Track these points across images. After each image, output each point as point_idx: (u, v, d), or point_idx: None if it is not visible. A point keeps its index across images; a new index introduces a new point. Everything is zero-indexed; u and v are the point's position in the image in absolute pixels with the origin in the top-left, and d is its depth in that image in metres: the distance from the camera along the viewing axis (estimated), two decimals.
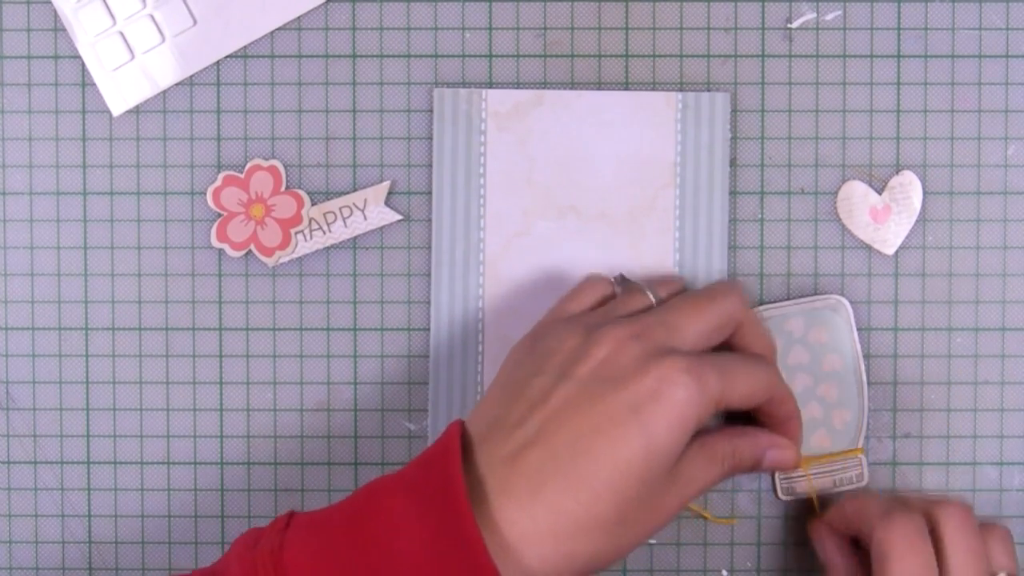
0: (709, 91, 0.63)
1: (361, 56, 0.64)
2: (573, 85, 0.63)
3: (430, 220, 0.63)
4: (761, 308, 0.63)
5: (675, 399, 0.51)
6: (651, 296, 0.57)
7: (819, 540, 0.60)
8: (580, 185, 0.62)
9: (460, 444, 0.52)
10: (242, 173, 0.63)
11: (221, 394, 0.64)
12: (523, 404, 0.53)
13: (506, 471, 0.51)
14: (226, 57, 0.64)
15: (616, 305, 0.57)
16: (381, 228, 0.64)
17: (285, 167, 0.63)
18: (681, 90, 0.63)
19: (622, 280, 0.59)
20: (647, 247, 0.63)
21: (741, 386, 0.54)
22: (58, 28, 0.63)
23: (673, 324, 0.55)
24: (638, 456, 0.51)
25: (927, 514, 0.56)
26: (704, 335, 0.55)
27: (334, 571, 0.50)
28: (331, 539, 0.51)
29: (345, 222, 0.63)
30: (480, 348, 0.63)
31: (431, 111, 0.63)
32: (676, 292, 0.59)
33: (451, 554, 0.50)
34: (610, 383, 0.52)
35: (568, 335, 0.55)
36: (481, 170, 0.63)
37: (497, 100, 0.63)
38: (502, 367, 0.57)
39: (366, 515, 0.52)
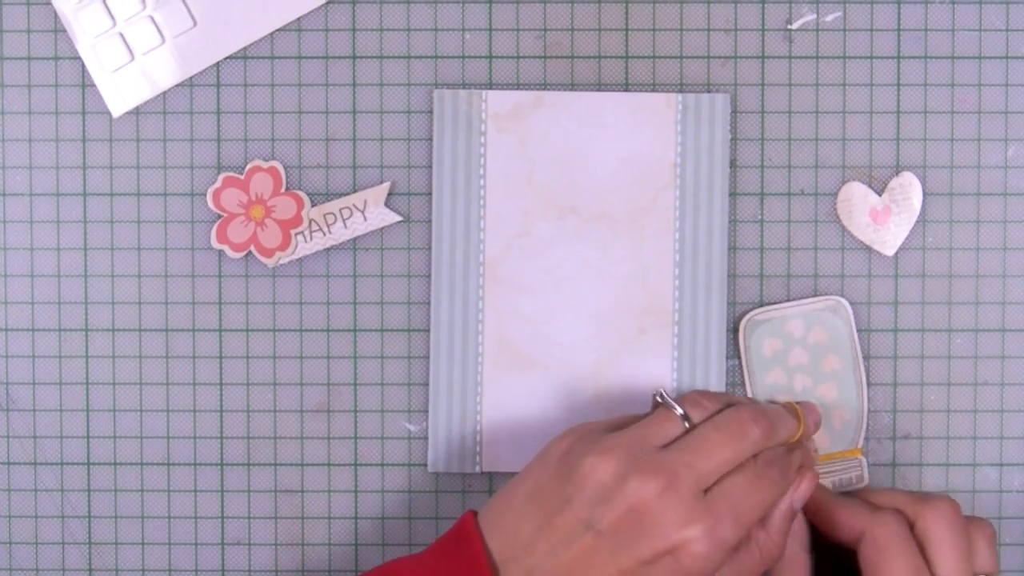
0: (709, 89, 0.63)
1: (361, 57, 0.64)
2: (573, 86, 0.63)
3: (430, 221, 0.63)
4: (761, 309, 0.63)
5: (692, 566, 0.53)
6: (684, 424, 0.56)
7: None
8: (580, 186, 0.62)
9: (484, 550, 0.54)
10: (242, 174, 0.63)
11: (221, 395, 0.64)
12: (548, 535, 0.54)
13: None
14: (226, 58, 0.64)
15: (650, 428, 0.56)
16: (381, 229, 0.64)
17: (285, 168, 0.63)
18: (681, 91, 0.63)
19: (662, 399, 0.57)
20: (647, 248, 0.63)
21: (753, 516, 0.55)
22: (58, 29, 0.63)
23: (702, 471, 0.54)
24: None
25: (914, 511, 0.57)
26: (729, 468, 0.55)
27: None
28: None
29: (345, 223, 0.63)
30: (480, 349, 0.63)
31: (431, 112, 0.63)
32: (709, 414, 0.57)
33: None
34: (629, 542, 0.53)
35: (602, 466, 0.54)
36: (481, 171, 0.63)
37: (497, 101, 0.63)
38: (534, 467, 0.57)
39: None
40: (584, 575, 0.53)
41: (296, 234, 0.63)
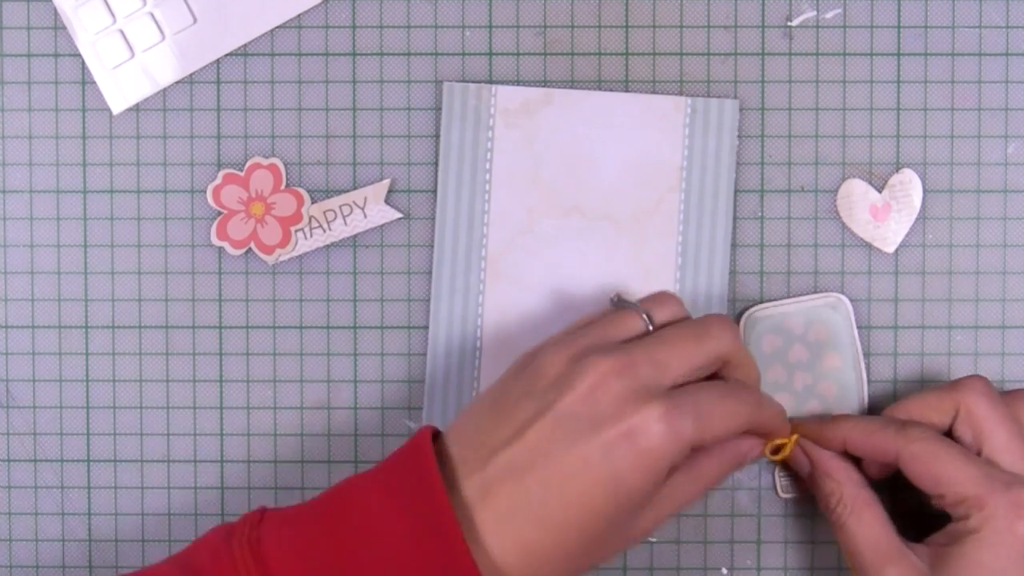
0: (709, 86, 0.63)
1: (361, 54, 0.64)
2: (573, 83, 0.63)
3: (430, 218, 0.63)
4: (761, 306, 0.63)
5: (648, 447, 0.52)
6: (646, 320, 0.56)
7: (810, 456, 0.60)
8: (585, 185, 0.62)
9: (432, 447, 0.53)
10: (242, 171, 0.63)
11: (221, 392, 0.64)
12: (505, 428, 0.53)
13: (479, 500, 0.52)
14: (226, 55, 0.64)
15: (609, 325, 0.56)
16: (381, 226, 0.64)
17: (285, 165, 0.63)
18: (682, 88, 0.63)
19: (618, 300, 0.59)
20: (650, 250, 0.63)
21: (718, 427, 0.54)
22: (58, 26, 0.63)
23: (661, 361, 0.54)
24: (608, 499, 0.52)
25: (949, 403, 0.58)
26: (691, 372, 0.55)
27: (315, 562, 0.51)
28: (310, 533, 0.52)
29: (345, 220, 0.63)
30: (478, 344, 0.63)
31: (431, 109, 0.63)
32: (672, 316, 0.57)
33: (429, 544, 0.51)
34: (587, 424, 0.52)
35: (558, 357, 0.54)
36: (487, 166, 0.63)
37: (506, 97, 0.62)
38: (499, 378, 0.57)
39: (343, 511, 0.52)
40: (544, 462, 0.52)
41: (296, 231, 0.63)
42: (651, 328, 0.56)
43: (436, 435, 0.55)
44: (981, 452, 0.57)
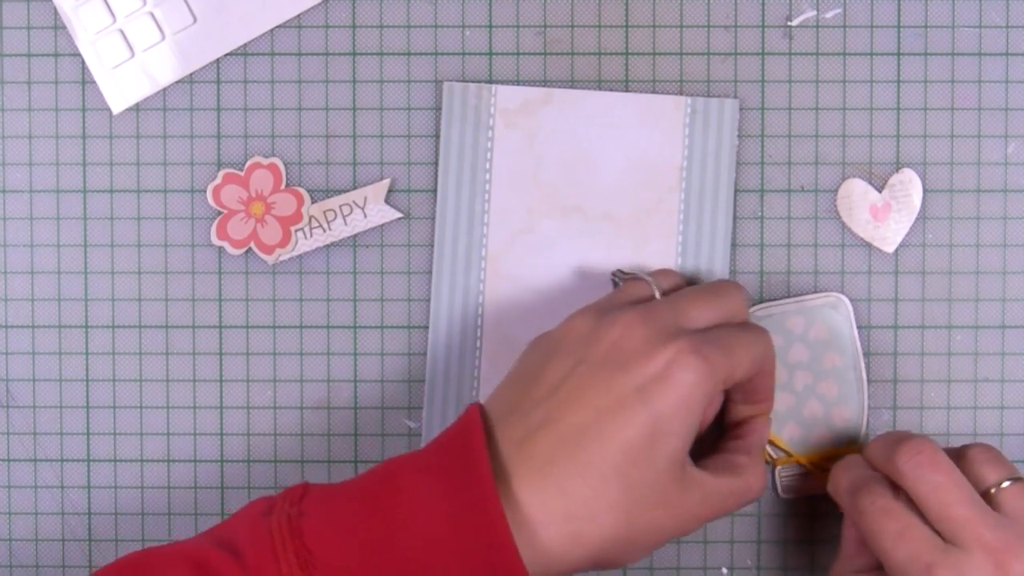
0: (709, 86, 0.63)
1: (361, 54, 0.64)
2: (573, 83, 0.63)
3: (430, 218, 0.63)
4: (761, 306, 0.63)
5: (682, 381, 0.52)
6: (655, 287, 0.58)
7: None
8: (586, 185, 0.62)
9: (482, 425, 0.53)
10: (242, 171, 0.63)
11: (221, 392, 0.64)
12: (537, 389, 0.54)
13: (517, 454, 0.52)
14: (226, 55, 0.64)
15: (622, 294, 0.58)
16: (381, 226, 0.64)
17: (285, 165, 0.63)
18: (681, 88, 0.63)
19: (620, 274, 0.60)
20: (650, 249, 0.63)
21: (745, 360, 0.55)
22: (58, 26, 0.63)
23: (681, 308, 0.56)
24: (644, 437, 0.52)
25: (891, 469, 0.56)
26: (708, 323, 0.56)
27: (353, 541, 0.51)
28: (350, 511, 0.52)
29: (345, 220, 0.63)
30: (478, 344, 0.63)
31: (432, 109, 0.63)
32: (678, 285, 0.60)
33: (470, 528, 0.50)
34: (618, 366, 0.53)
35: (580, 321, 0.56)
36: (487, 166, 0.62)
37: (506, 97, 0.62)
38: (518, 358, 0.57)
39: (387, 491, 0.52)
40: (578, 408, 0.52)
41: (296, 231, 0.63)
42: (659, 295, 0.58)
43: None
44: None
